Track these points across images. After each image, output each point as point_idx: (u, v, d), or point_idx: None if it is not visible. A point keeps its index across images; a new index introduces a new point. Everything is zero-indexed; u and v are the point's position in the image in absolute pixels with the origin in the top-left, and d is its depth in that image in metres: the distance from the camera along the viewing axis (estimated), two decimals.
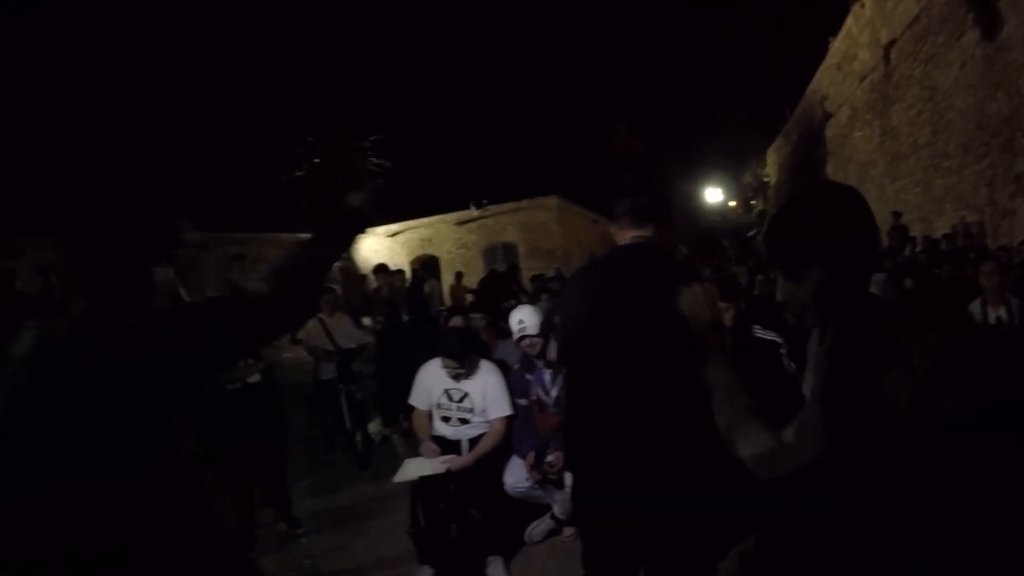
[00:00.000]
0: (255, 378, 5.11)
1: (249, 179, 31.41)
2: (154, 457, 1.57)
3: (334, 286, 8.29)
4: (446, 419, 4.80)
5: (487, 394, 4.70)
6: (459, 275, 16.86)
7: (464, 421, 4.74)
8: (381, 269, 9.13)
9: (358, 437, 7.29)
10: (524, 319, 4.68)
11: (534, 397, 4.73)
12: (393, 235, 29.96)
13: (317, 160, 33.05)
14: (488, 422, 4.69)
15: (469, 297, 14.06)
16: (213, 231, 22.71)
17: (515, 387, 4.80)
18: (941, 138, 15.30)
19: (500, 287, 12.58)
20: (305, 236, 1.77)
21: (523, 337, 4.68)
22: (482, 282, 14.27)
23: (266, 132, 35.21)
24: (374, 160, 35.74)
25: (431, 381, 4.84)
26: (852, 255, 1.69)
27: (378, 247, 28.68)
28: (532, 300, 9.43)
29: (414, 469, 4.46)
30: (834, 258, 1.67)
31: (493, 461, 4.63)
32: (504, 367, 5.04)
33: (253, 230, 26.06)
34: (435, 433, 4.81)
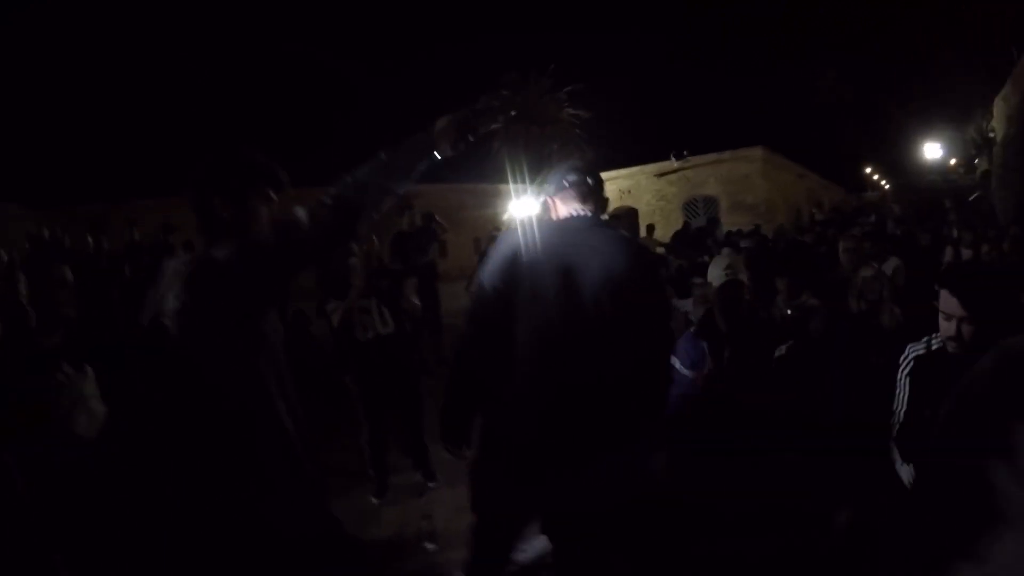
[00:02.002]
0: (387, 329, 4.81)
1: None
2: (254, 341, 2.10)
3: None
4: None
5: None
6: (651, 227, 15.94)
7: None
8: None
9: None
10: (734, 267, 3.98)
11: (706, 371, 3.94)
12: None
13: (513, 113, 33.29)
14: None
15: (660, 251, 13.24)
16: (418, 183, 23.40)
17: (683, 349, 4.04)
18: None
19: (694, 242, 11.63)
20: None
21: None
22: (675, 235, 13.38)
23: (461, 87, 35.50)
24: (570, 110, 35.48)
25: None
26: None
27: None
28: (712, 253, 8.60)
29: None
30: None
31: None
32: None
33: (452, 181, 26.69)
34: None
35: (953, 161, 48.65)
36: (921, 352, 2.85)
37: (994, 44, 29.50)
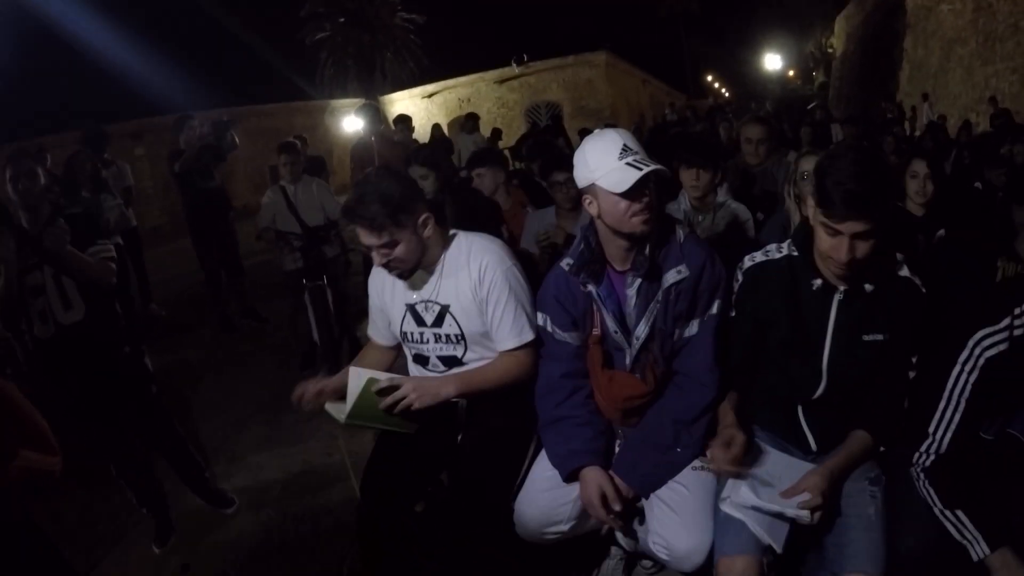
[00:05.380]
0: (75, 315, 3.16)
1: (267, 46, 29.01)
2: None
3: (296, 140, 6.09)
4: (421, 359, 2.62)
5: (486, 303, 2.43)
6: (496, 132, 14.49)
7: (452, 362, 2.55)
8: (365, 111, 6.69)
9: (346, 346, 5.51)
10: (627, 144, 2.14)
11: (595, 331, 2.36)
12: (429, 96, 27.89)
13: (342, 19, 30.58)
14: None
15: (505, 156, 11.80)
16: (237, 106, 20.82)
17: (555, 301, 2.40)
18: None
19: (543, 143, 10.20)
20: None
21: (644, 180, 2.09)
22: (521, 139, 12.00)
23: None
24: (403, 15, 33.07)
25: (386, 290, 2.64)
26: None
27: (413, 109, 26.46)
28: None
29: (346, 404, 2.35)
30: None
31: (499, 439, 2.48)
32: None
33: (278, 100, 24.22)
34: None
35: (792, 72, 50.77)
36: (1002, 346, 1.86)
37: None
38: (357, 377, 2.31)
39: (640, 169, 2.07)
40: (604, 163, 2.14)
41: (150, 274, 7.78)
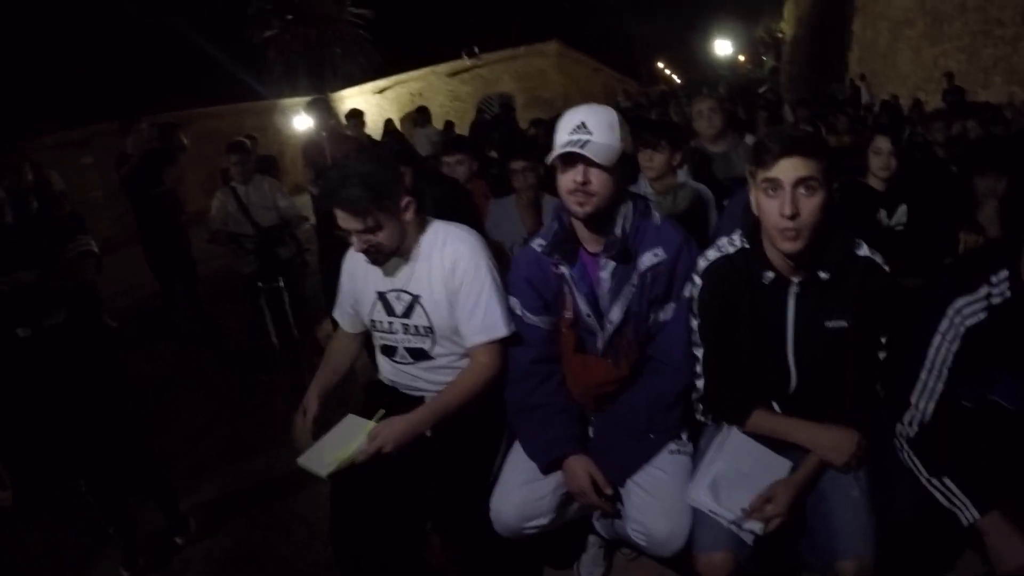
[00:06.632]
0: (56, 317, 2.96)
1: (214, 46, 28.35)
2: None
3: (246, 139, 5.87)
4: (389, 350, 2.54)
5: (457, 295, 2.35)
6: (449, 124, 14.35)
7: (420, 355, 2.47)
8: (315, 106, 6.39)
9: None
10: (587, 121, 2.10)
11: (567, 314, 2.30)
12: (381, 91, 27.47)
13: (289, 16, 30.12)
14: (464, 354, 2.45)
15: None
16: (185, 108, 20.24)
17: (526, 284, 2.34)
18: (995, 3, 13.53)
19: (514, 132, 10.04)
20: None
21: (570, 158, 2.08)
22: (473, 126, 11.96)
23: None
24: (352, 10, 32.64)
25: (358, 276, 2.55)
26: None
27: (365, 105, 26.06)
28: None
29: (329, 453, 2.29)
30: None
31: (469, 433, 2.40)
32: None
33: (227, 101, 23.60)
34: (381, 377, 2.66)
35: (742, 58, 51.49)
36: (981, 315, 1.83)
37: None
38: (352, 427, 2.35)
39: (566, 146, 2.07)
40: (558, 138, 2.13)
41: (101, 286, 7.53)
